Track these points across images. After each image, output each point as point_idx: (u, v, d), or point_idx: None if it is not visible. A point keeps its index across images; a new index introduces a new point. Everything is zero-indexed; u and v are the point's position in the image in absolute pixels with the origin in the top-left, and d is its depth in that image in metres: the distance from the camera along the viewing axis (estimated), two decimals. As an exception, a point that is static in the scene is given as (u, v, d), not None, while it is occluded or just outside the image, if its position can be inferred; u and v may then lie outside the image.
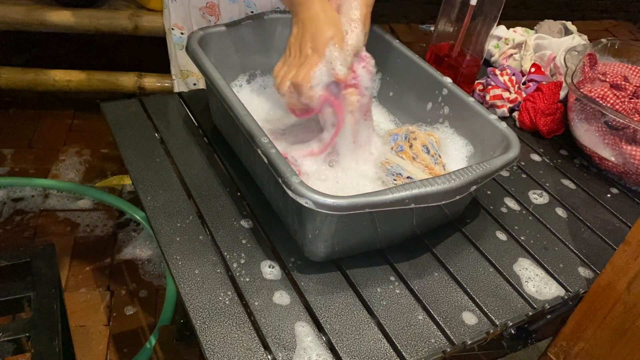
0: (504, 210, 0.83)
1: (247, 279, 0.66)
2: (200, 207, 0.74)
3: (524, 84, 1.06)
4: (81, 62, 2.08)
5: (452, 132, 0.83)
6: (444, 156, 0.79)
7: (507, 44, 1.16)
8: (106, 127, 0.86)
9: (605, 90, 0.93)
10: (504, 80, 1.03)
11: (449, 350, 0.62)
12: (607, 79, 0.99)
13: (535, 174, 0.92)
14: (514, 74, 1.05)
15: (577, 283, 0.73)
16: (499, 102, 1.03)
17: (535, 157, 0.96)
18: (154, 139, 0.85)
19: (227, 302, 0.63)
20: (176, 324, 1.35)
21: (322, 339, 0.61)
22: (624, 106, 0.93)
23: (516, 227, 0.80)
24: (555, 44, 1.12)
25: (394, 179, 0.74)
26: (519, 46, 1.16)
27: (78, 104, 2.10)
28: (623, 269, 0.65)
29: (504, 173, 0.91)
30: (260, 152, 0.64)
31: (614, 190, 0.92)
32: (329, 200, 0.57)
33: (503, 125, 0.75)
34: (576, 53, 0.99)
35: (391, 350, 0.61)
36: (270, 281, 0.66)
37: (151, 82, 1.93)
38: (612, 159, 0.91)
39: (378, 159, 0.78)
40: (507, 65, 1.10)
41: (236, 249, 0.69)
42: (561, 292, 0.71)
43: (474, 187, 0.66)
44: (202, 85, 1.10)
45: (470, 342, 0.63)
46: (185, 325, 1.31)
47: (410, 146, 0.77)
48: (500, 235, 0.78)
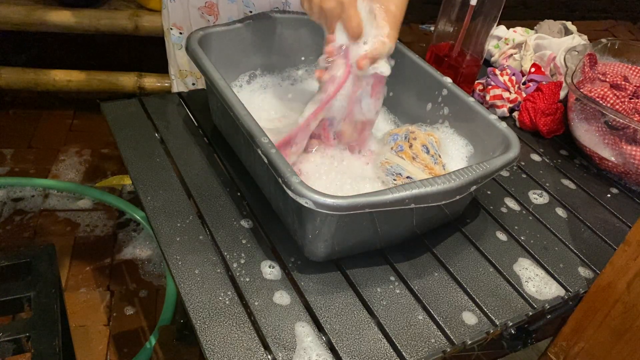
0: (504, 210, 0.83)
1: (247, 279, 0.66)
2: (200, 207, 0.74)
3: (524, 84, 1.06)
4: (81, 62, 2.07)
5: (452, 132, 0.83)
6: (444, 156, 0.79)
7: (507, 44, 1.16)
8: (106, 127, 0.86)
9: (605, 90, 0.93)
10: (504, 80, 1.03)
11: (449, 350, 0.62)
12: (607, 79, 0.99)
13: (535, 174, 0.92)
14: (514, 74, 1.05)
15: (577, 283, 0.73)
16: (499, 102, 1.03)
17: (535, 157, 0.96)
18: (154, 139, 0.85)
19: (227, 302, 0.63)
20: (176, 324, 1.35)
21: (322, 339, 0.61)
22: (624, 106, 0.93)
23: (516, 227, 0.80)
24: (555, 44, 1.12)
25: (394, 179, 0.74)
26: (519, 46, 1.16)
27: (78, 104, 2.10)
28: (623, 269, 0.65)
29: (504, 173, 0.91)
30: (260, 152, 0.64)
31: (614, 190, 0.92)
32: (329, 200, 0.57)
33: (503, 125, 0.75)
34: (576, 53, 0.99)
35: (391, 350, 0.61)
36: (270, 281, 0.66)
37: (151, 82, 1.93)
38: (612, 159, 0.91)
39: (378, 159, 0.78)
40: (507, 65, 1.10)
41: (236, 249, 0.69)
42: (561, 292, 0.71)
43: (474, 187, 0.66)
44: (200, 85, 1.10)
45: (470, 342, 0.63)
46: (185, 325, 1.31)
47: (410, 146, 0.77)
48: (500, 235, 0.78)
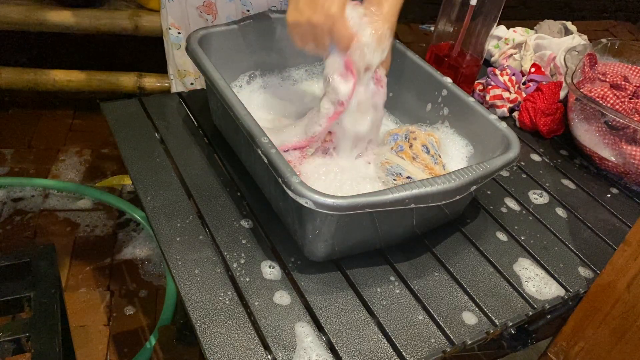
0: (504, 210, 0.83)
1: (247, 279, 0.66)
2: (200, 207, 0.74)
3: (524, 84, 1.06)
4: (81, 62, 2.08)
5: (452, 132, 0.83)
6: (444, 156, 0.79)
7: (507, 44, 1.16)
8: (106, 127, 0.86)
9: (605, 90, 0.93)
10: (504, 80, 1.03)
11: (449, 350, 0.62)
12: (607, 79, 0.99)
13: (535, 174, 0.92)
14: (514, 74, 1.05)
15: (577, 283, 0.73)
16: (499, 102, 1.03)
17: (535, 157, 0.96)
18: (154, 139, 0.85)
19: (227, 302, 0.63)
20: (176, 324, 1.35)
21: (322, 339, 0.61)
22: (624, 106, 0.93)
23: (516, 227, 0.80)
24: (555, 44, 1.12)
25: (394, 179, 0.74)
26: (519, 46, 1.16)
27: (78, 104, 2.10)
28: (623, 269, 0.65)
29: (504, 173, 0.91)
30: (260, 152, 0.64)
31: (614, 190, 0.92)
32: (329, 200, 0.57)
33: (503, 125, 0.75)
34: (576, 53, 0.99)
35: (391, 350, 0.61)
36: (270, 281, 0.66)
37: (151, 82, 1.93)
38: (612, 159, 0.91)
39: (378, 159, 0.78)
40: (507, 65, 1.10)
41: (236, 249, 0.69)
42: (561, 292, 0.71)
43: (474, 187, 0.66)
44: (199, 85, 1.10)
45: (470, 342, 0.63)
46: (185, 325, 1.31)
47: (410, 146, 0.77)
48: (500, 235, 0.78)
